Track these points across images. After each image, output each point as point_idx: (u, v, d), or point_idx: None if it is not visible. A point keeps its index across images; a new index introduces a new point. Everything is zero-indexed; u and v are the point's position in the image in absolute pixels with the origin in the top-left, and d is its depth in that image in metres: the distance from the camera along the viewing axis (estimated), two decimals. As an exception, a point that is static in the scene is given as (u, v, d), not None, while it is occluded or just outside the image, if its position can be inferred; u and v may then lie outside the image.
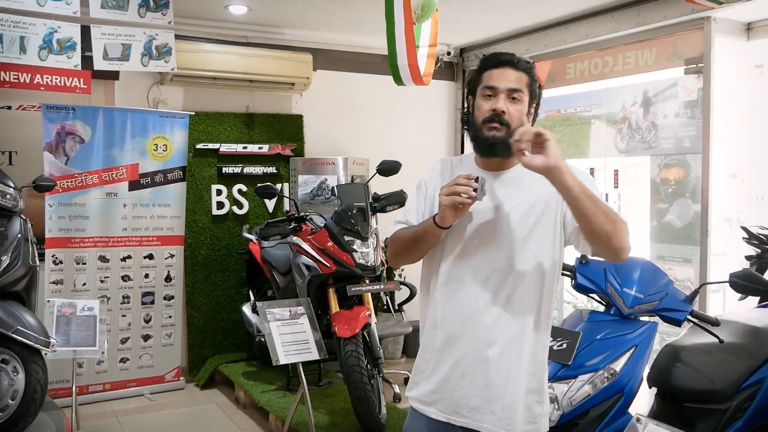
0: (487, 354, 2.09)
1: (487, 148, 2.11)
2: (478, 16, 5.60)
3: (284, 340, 4.00)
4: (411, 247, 2.19)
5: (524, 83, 2.10)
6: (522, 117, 2.10)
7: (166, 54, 3.76)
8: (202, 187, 5.70)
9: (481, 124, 2.10)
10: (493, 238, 2.11)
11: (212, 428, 4.71)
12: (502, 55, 2.14)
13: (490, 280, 2.10)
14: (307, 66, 5.83)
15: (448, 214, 1.98)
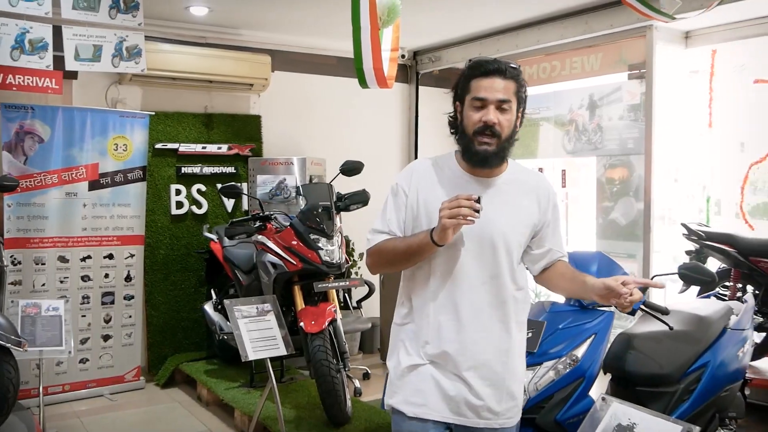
0: (487, 360, 2.16)
1: (480, 161, 2.14)
2: (432, 21, 5.77)
3: (252, 337, 4.08)
4: (401, 261, 2.17)
5: (512, 92, 2.12)
6: (511, 126, 2.15)
7: (136, 55, 3.81)
8: (161, 186, 5.72)
9: (472, 135, 2.12)
10: (487, 246, 2.14)
11: (177, 426, 4.75)
12: (490, 64, 2.13)
13: (486, 286, 2.15)
14: (265, 67, 5.90)
15: (450, 234, 2.00)
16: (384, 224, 2.22)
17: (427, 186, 2.19)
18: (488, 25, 5.99)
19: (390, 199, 2.25)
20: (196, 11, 5.29)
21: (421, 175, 2.24)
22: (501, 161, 2.16)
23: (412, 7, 5.02)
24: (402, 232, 2.20)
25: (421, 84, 7.05)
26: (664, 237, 5.50)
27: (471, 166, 2.18)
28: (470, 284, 2.16)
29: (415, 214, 2.18)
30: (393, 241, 2.18)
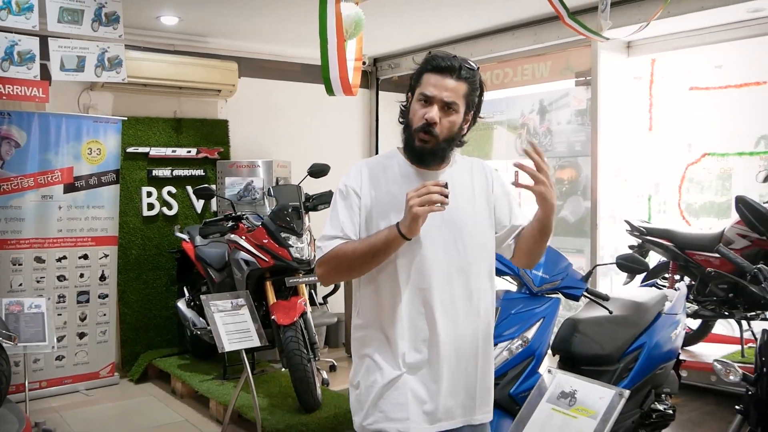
0: (463, 357, 2.15)
1: (417, 157, 2.12)
2: (392, 30, 6.09)
3: (227, 330, 4.34)
4: (363, 263, 2.07)
5: (461, 94, 2.08)
6: (453, 128, 2.10)
7: (117, 65, 4.04)
8: (132, 189, 5.92)
9: (413, 131, 2.10)
10: (449, 236, 2.12)
11: (154, 418, 4.97)
12: (445, 61, 2.09)
13: (453, 279, 2.12)
14: (232, 74, 6.16)
15: (419, 224, 1.95)
16: (337, 228, 2.11)
17: (380, 184, 2.14)
18: (444, 34, 6.33)
19: (340, 202, 2.15)
20: (167, 21, 5.52)
21: (370, 174, 2.17)
22: (439, 160, 2.14)
23: (373, 16, 5.31)
24: (356, 235, 2.11)
25: (381, 89, 7.38)
26: (610, 233, 5.91)
27: (418, 165, 2.15)
28: (438, 279, 2.11)
29: (370, 215, 2.13)
30: (351, 244, 2.08)
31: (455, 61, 2.09)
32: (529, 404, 2.76)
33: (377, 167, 2.18)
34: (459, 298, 2.14)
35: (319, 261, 2.13)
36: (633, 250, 5.61)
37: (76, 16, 3.77)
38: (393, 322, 2.11)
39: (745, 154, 5.76)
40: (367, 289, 2.18)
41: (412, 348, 2.12)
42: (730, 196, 5.74)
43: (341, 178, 2.20)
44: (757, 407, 2.45)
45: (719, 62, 5.91)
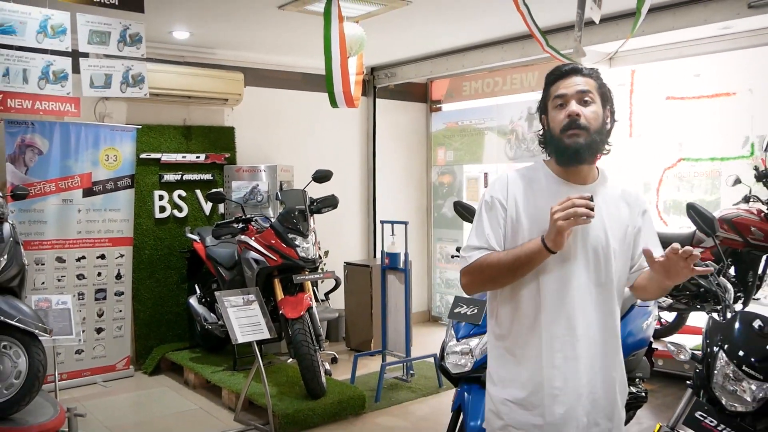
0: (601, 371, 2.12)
1: (573, 155, 2.05)
2: (388, 42, 6.48)
3: (240, 323, 4.74)
4: (507, 275, 2.07)
5: (593, 86, 2.08)
6: (599, 119, 2.07)
7: (140, 82, 4.41)
8: (145, 193, 6.29)
9: (560, 134, 2.05)
10: (592, 254, 2.08)
11: (170, 406, 5.35)
12: (565, 66, 2.12)
13: (594, 297, 2.09)
14: (238, 83, 6.54)
15: (564, 237, 1.92)
16: (482, 239, 2.11)
17: (526, 196, 2.11)
18: (438, 47, 6.74)
19: (485, 214, 2.13)
20: (179, 35, 5.90)
21: (517, 186, 2.14)
22: (593, 155, 2.08)
23: (371, 29, 5.72)
24: (501, 246, 2.10)
25: (378, 97, 7.77)
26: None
27: (564, 168, 2.11)
28: (582, 297, 2.08)
29: (516, 227, 2.10)
30: (495, 255, 2.07)
31: (574, 64, 2.13)
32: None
33: (523, 179, 2.15)
34: (599, 317, 2.10)
35: (463, 270, 2.14)
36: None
37: (103, 37, 4.15)
38: (527, 336, 2.12)
39: (716, 159, 6.19)
40: (508, 303, 2.17)
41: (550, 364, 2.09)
42: (718, 194, 6.17)
43: (486, 188, 2.19)
44: (703, 382, 2.86)
45: (695, 74, 6.34)
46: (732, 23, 5.20)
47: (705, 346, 2.92)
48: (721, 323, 2.95)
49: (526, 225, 2.08)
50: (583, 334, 2.07)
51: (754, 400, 2.76)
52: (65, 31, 4.07)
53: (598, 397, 2.12)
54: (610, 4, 4.90)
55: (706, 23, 5.04)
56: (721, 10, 4.90)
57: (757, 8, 4.71)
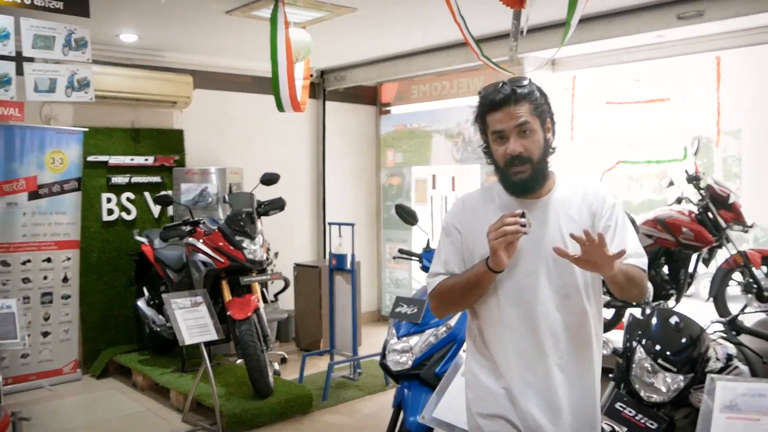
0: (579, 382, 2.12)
1: (522, 189, 2.09)
2: (337, 46, 6.58)
3: (187, 325, 4.79)
4: (463, 297, 2.12)
5: (528, 112, 2.03)
6: (540, 145, 2.07)
7: (85, 86, 4.43)
8: (93, 195, 6.28)
9: (504, 168, 2.07)
10: (551, 264, 2.07)
11: (118, 409, 5.36)
12: (497, 94, 2.06)
13: (559, 307, 2.09)
14: (187, 86, 6.56)
15: (502, 256, 1.94)
16: (441, 265, 2.18)
17: (479, 220, 2.13)
18: (386, 51, 6.86)
19: (444, 240, 2.20)
20: (126, 38, 5.91)
21: (471, 210, 2.18)
22: (542, 183, 2.11)
23: (320, 34, 5.82)
24: (461, 269, 2.15)
25: (328, 99, 7.87)
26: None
27: (522, 196, 2.13)
28: (544, 308, 2.08)
29: (472, 250, 2.13)
30: (452, 279, 2.14)
31: (506, 89, 2.05)
32: (446, 379, 3.32)
33: (477, 201, 2.20)
34: (568, 328, 2.10)
35: (429, 296, 2.22)
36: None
37: (48, 42, 4.16)
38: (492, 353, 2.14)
39: (652, 162, 6.45)
40: (474, 322, 2.21)
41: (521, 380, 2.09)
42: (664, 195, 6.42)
43: (445, 215, 2.25)
44: (623, 375, 3.04)
45: (633, 79, 6.59)
46: (665, 32, 5.44)
47: (625, 340, 3.11)
48: (639, 319, 3.14)
49: (480, 246, 2.07)
50: (552, 348, 2.07)
51: (669, 391, 2.95)
52: (8, 36, 4.08)
53: (578, 409, 2.12)
54: (553, 12, 5.11)
55: (639, 32, 5.27)
56: (653, 20, 5.13)
57: (686, 19, 4.95)
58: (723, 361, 3.32)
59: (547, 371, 2.08)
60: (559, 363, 2.09)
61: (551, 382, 2.08)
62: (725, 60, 5.94)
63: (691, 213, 5.45)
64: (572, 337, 2.10)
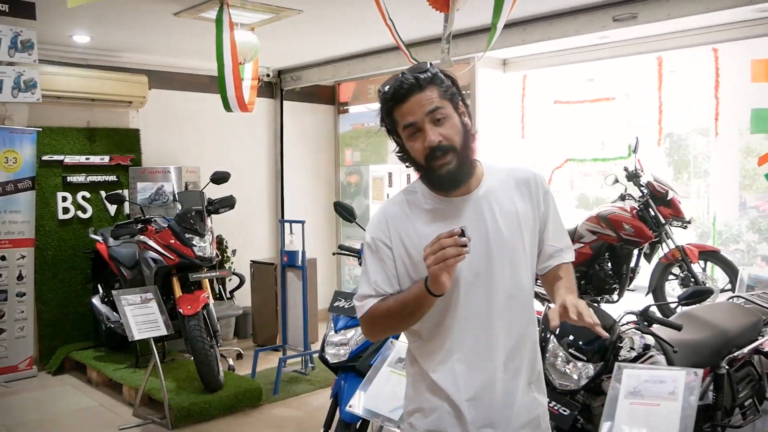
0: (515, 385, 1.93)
1: (450, 183, 1.88)
2: (293, 47, 6.69)
3: (137, 321, 4.90)
4: (400, 322, 1.92)
5: (438, 96, 1.84)
6: (459, 128, 1.85)
7: (32, 87, 4.51)
8: (48, 194, 6.33)
9: (426, 163, 1.85)
10: (489, 264, 1.89)
11: (72, 404, 5.44)
12: (399, 87, 1.85)
13: (505, 310, 1.90)
14: (142, 86, 6.63)
15: (444, 281, 1.73)
16: (370, 287, 1.92)
17: (407, 227, 1.93)
18: (340, 51, 6.98)
19: (369, 258, 1.94)
20: (79, 39, 5.97)
21: (396, 219, 1.95)
22: (470, 172, 1.90)
23: (277, 36, 5.94)
24: (394, 288, 1.92)
25: (285, 99, 7.97)
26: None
27: (447, 192, 1.92)
28: (492, 314, 1.90)
29: (407, 263, 1.91)
30: (385, 303, 1.90)
31: (407, 79, 1.85)
32: (373, 369, 3.46)
33: (401, 206, 1.96)
34: (516, 332, 1.93)
35: (360, 320, 1.98)
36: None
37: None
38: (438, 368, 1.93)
39: (599, 160, 6.64)
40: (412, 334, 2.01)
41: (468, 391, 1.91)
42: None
43: (367, 229, 1.99)
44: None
45: (585, 79, 6.78)
46: (608, 33, 5.61)
47: (540, 331, 3.26)
48: (552, 310, 3.29)
49: (416, 257, 1.86)
50: (500, 351, 1.90)
51: (580, 379, 3.11)
52: (-47, 37, 4.16)
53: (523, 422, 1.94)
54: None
55: (578, 34, 5.43)
56: (590, 22, 5.30)
57: (621, 21, 5.12)
58: (639, 350, 3.49)
59: (494, 375, 1.90)
60: (507, 366, 1.91)
61: (494, 394, 1.90)
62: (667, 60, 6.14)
63: (632, 209, 5.62)
64: (520, 337, 1.92)
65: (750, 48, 5.56)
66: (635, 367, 3.04)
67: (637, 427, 2.79)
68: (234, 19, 4.95)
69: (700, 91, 5.97)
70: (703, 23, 5.42)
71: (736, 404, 3.97)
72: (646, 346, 3.55)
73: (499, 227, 1.90)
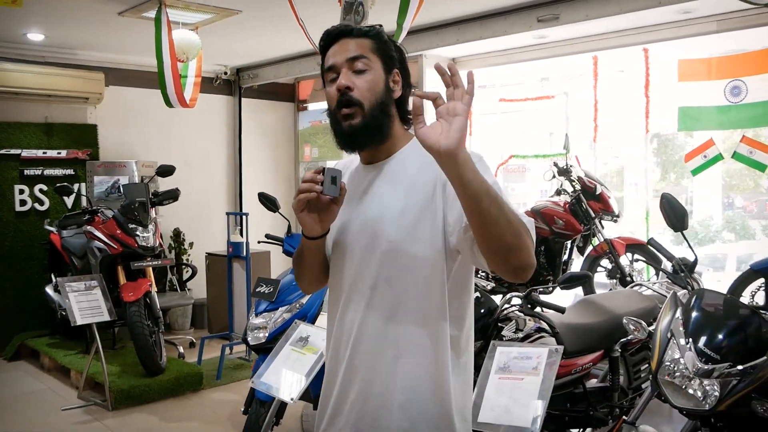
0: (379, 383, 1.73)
1: (348, 140, 1.73)
2: (251, 45, 6.90)
3: (81, 307, 5.13)
4: (297, 268, 1.91)
5: (367, 48, 1.71)
6: (377, 88, 1.70)
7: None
8: (5, 187, 6.55)
9: (335, 112, 1.72)
10: (367, 242, 1.73)
11: (22, 388, 5.67)
12: (336, 28, 1.75)
13: (376, 293, 1.72)
14: (99, 83, 6.86)
15: (305, 220, 1.68)
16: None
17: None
18: (297, 48, 7.19)
19: None
20: (33, 37, 6.19)
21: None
22: (377, 139, 1.74)
23: (234, 33, 6.17)
24: None
25: (243, 96, 8.20)
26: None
27: (352, 152, 1.81)
28: (357, 294, 1.74)
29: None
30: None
31: (348, 25, 1.76)
32: (277, 347, 3.69)
33: (344, 165, 1.92)
34: (378, 321, 1.72)
35: None
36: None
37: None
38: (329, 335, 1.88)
39: (540, 156, 6.88)
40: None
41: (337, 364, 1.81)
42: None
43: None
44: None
45: (523, 78, 7.02)
46: (546, 32, 5.84)
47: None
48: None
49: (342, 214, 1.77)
50: (356, 342, 1.75)
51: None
52: None
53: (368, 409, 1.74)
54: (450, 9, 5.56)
55: (507, 34, 5.67)
56: (517, 22, 5.54)
57: (545, 22, 5.36)
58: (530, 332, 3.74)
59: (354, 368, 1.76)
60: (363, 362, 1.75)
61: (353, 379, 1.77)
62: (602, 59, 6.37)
63: (565, 204, 5.86)
64: (395, 322, 1.71)
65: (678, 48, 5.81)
66: (506, 344, 3.29)
67: (502, 399, 3.03)
68: (176, 18, 5.19)
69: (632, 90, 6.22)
70: (635, 24, 5.65)
71: (632, 386, 4.22)
72: (540, 329, 3.80)
73: (383, 200, 1.73)
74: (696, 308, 2.79)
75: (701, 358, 2.61)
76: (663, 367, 2.73)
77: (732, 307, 2.74)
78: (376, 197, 1.75)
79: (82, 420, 4.91)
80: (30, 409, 5.18)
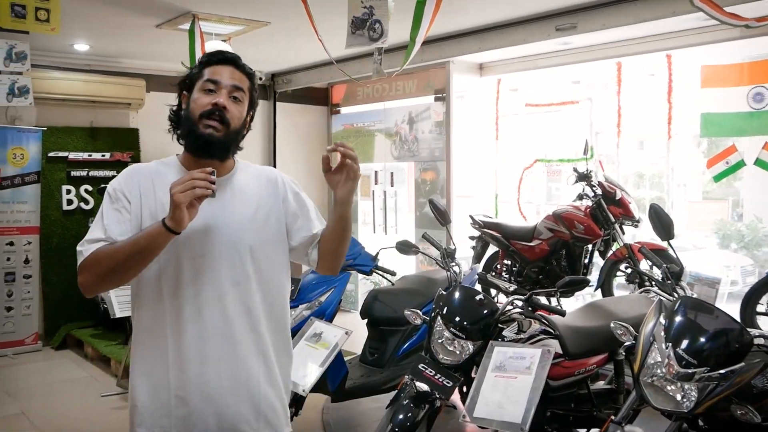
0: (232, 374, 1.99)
1: (203, 146, 1.96)
2: (285, 52, 7.19)
3: (120, 300, 5.53)
4: (128, 261, 1.86)
5: (246, 86, 2.03)
6: (241, 119, 2.02)
7: (25, 93, 5.15)
8: (54, 187, 6.98)
9: (198, 119, 1.94)
10: (221, 247, 1.96)
11: (67, 374, 6.08)
12: (228, 53, 2.05)
13: (227, 295, 1.98)
14: (140, 89, 7.24)
15: (185, 214, 1.78)
16: (101, 231, 1.92)
17: (150, 192, 1.98)
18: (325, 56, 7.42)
19: (107, 205, 1.98)
20: (80, 47, 6.59)
21: (142, 178, 2.02)
22: (225, 153, 2.02)
23: (270, 41, 6.45)
24: (125, 237, 1.91)
25: (279, 101, 8.51)
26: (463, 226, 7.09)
27: (194, 157, 2.01)
28: (207, 296, 1.96)
29: (140, 223, 1.94)
30: (113, 246, 1.88)
31: (237, 56, 2.06)
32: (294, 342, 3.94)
33: (150, 172, 2.05)
34: (234, 317, 1.98)
35: (79, 267, 1.93)
36: (474, 239, 6.84)
37: (-9, 54, 4.89)
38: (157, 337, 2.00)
39: (565, 160, 7.00)
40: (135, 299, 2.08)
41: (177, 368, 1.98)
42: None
43: (111, 182, 2.06)
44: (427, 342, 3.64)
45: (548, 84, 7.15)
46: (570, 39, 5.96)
47: (431, 312, 3.71)
48: (443, 294, 3.73)
49: (147, 220, 1.93)
50: (211, 335, 1.95)
51: (461, 355, 3.54)
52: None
53: (228, 402, 1.98)
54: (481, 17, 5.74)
55: (525, 42, 5.83)
56: (536, 31, 5.68)
57: (563, 30, 5.50)
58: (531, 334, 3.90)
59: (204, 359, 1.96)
60: (216, 352, 1.96)
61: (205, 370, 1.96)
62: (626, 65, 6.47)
63: (586, 208, 5.98)
64: (239, 326, 1.98)
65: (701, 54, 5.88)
66: (504, 344, 3.47)
67: (496, 396, 3.22)
68: (208, 30, 5.49)
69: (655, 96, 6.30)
70: (658, 30, 5.74)
71: (637, 388, 4.34)
72: (545, 331, 3.96)
73: (234, 210, 2.01)
74: (679, 315, 2.91)
75: (680, 363, 2.71)
76: (644, 370, 2.86)
77: (713, 316, 2.87)
78: (231, 203, 2.03)
79: (119, 406, 5.25)
80: (72, 395, 5.56)
